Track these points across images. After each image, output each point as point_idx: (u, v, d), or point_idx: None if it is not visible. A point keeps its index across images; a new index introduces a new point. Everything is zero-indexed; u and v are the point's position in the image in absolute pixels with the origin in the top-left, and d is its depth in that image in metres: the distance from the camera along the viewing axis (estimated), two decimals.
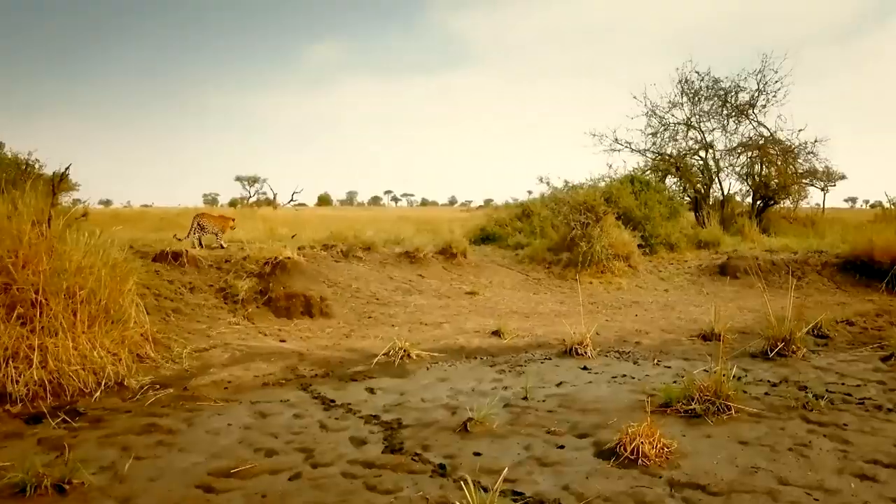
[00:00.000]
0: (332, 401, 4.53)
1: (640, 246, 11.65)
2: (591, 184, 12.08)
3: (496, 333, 6.94)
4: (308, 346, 6.21)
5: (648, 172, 17.74)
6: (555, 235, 11.62)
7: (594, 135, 18.24)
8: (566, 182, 12.97)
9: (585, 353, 6.16)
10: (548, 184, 13.32)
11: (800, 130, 18.04)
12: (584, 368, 5.71)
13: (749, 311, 9.14)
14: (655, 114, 18.53)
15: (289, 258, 7.22)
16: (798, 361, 6.18)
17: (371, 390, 4.86)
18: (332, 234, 9.96)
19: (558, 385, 5.12)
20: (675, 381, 5.26)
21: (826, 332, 7.47)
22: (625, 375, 5.46)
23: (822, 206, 22.58)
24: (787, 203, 20.51)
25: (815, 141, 17.92)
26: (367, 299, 8.04)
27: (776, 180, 18.64)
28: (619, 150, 18.58)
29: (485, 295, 9.01)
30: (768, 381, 5.37)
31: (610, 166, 20.59)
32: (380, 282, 8.83)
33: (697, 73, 18.25)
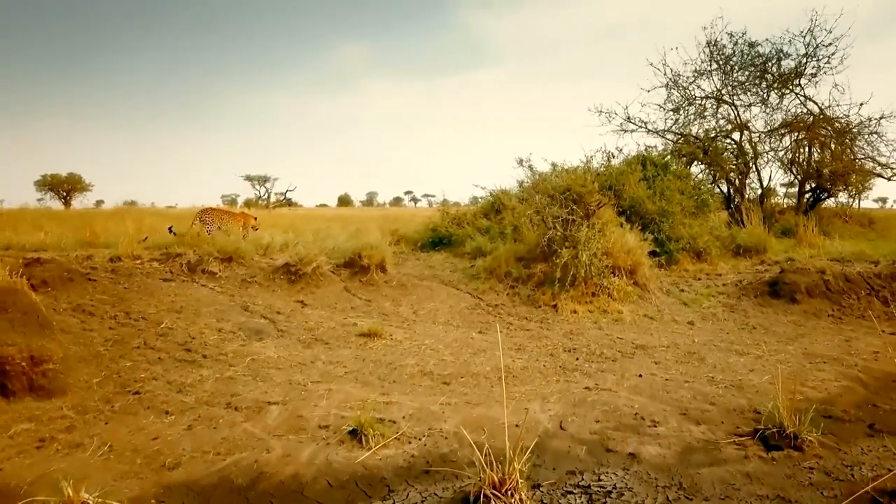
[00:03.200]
0: None
1: (652, 254, 8.24)
2: (584, 165, 8.65)
3: (355, 434, 3.61)
4: None
5: (669, 157, 14.23)
6: (533, 238, 8.24)
7: (601, 112, 14.72)
8: (554, 165, 9.49)
9: None
10: (529, 168, 9.88)
11: (861, 104, 14.30)
12: None
13: (825, 363, 5.73)
14: (678, 84, 14.97)
15: None
16: None
17: None
18: (180, 238, 6.70)
19: None
20: None
21: None
22: None
23: (857, 203, 18.90)
24: (843, 197, 16.91)
25: (881, 117, 14.17)
26: (168, 350, 4.78)
27: (830, 167, 14.92)
28: (631, 131, 15.01)
29: (394, 337, 5.68)
30: None
31: (620, 150, 16.90)
32: (220, 314, 5.56)
33: (730, 34, 14.62)
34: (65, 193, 39.89)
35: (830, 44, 13.69)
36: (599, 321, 6.67)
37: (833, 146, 14.65)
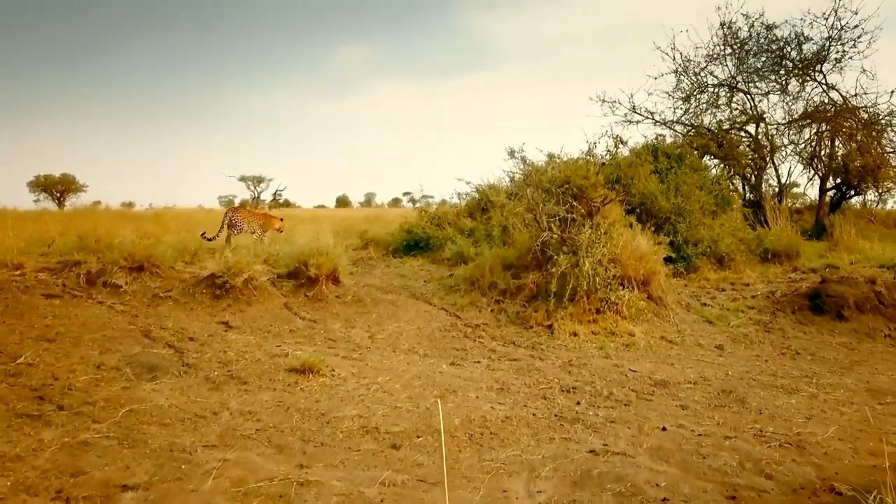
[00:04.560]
0: None
1: (668, 260, 6.97)
2: (585, 155, 7.37)
3: None
4: None
5: (682, 149, 12.94)
6: (524, 241, 6.95)
7: (604, 101, 13.37)
8: (550, 156, 8.18)
9: None
10: (522, 160, 8.60)
11: (893, 92, 12.98)
12: None
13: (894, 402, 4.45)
14: (688, 71, 13.64)
15: None
16: None
17: None
18: (83, 242, 5.42)
19: None
20: None
21: None
22: None
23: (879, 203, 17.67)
24: (870, 195, 15.66)
25: None
26: (10, 399, 3.52)
27: (857, 162, 13.60)
28: (637, 122, 13.66)
29: (336, 373, 4.40)
30: None
31: (624, 143, 15.55)
32: (107, 343, 4.28)
33: (745, 15, 13.28)
34: (58, 194, 40.68)
35: (857, 25, 12.39)
36: (606, 347, 5.39)
37: (860, 138, 13.37)
